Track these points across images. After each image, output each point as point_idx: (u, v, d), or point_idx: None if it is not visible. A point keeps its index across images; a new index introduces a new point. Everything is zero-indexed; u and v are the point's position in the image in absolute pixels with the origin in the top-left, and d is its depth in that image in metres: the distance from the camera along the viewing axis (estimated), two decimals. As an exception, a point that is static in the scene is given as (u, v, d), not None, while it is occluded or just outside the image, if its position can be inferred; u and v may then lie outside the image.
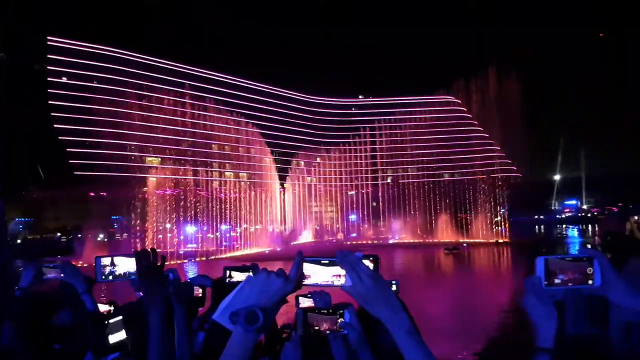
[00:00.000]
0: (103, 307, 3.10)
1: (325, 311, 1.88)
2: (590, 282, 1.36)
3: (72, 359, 2.54)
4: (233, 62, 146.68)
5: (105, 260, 2.16)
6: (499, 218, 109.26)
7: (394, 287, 2.69)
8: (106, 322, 2.60)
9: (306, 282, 1.33)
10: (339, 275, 1.31)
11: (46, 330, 2.45)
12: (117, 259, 2.16)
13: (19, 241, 55.51)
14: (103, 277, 2.14)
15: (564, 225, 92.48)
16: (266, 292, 1.24)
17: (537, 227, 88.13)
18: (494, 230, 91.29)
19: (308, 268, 1.33)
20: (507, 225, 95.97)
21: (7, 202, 45.43)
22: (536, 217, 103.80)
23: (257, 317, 1.20)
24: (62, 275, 2.79)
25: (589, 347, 1.68)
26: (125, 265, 2.15)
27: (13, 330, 1.84)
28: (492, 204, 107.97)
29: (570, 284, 1.37)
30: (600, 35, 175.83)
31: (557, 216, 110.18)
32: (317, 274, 1.32)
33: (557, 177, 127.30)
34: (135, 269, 2.05)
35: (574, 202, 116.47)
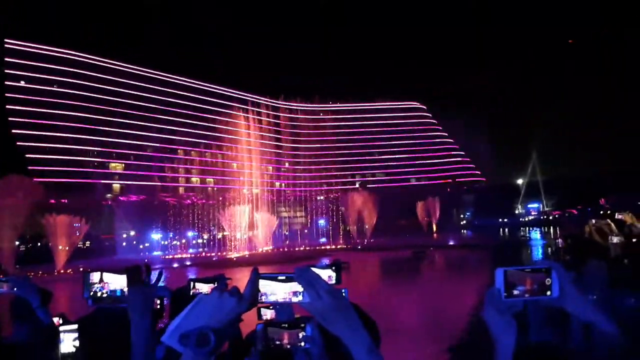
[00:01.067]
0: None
1: (287, 325, 1.82)
2: (548, 293, 1.35)
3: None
4: (199, 66, 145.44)
5: (95, 276, 2.02)
6: (464, 222, 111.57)
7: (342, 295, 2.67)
8: (60, 335, 2.51)
9: (262, 299, 1.28)
10: (297, 292, 1.27)
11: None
12: (106, 276, 2.03)
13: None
14: (91, 294, 2.00)
15: (527, 228, 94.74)
16: (218, 312, 1.18)
17: (500, 230, 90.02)
18: (462, 233, 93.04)
19: (264, 285, 1.28)
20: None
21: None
22: (500, 220, 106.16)
23: (208, 340, 1.13)
24: (14, 289, 2.68)
25: (551, 354, 1.69)
26: (116, 282, 2.01)
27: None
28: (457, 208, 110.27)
29: (529, 295, 1.35)
30: (570, 42, 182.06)
31: (521, 219, 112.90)
32: (274, 291, 1.27)
33: (520, 181, 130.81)
34: (125, 286, 1.97)
35: (536, 205, 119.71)
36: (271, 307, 2.40)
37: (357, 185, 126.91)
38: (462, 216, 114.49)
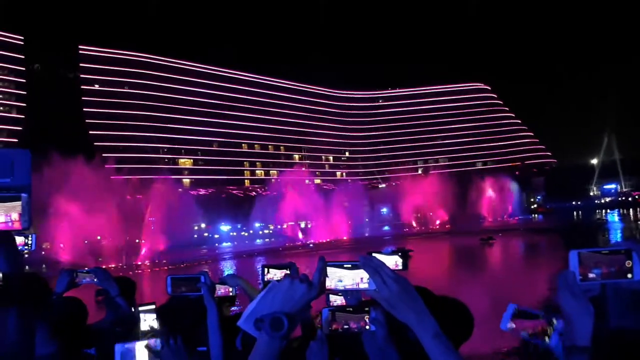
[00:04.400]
0: None
1: (352, 309, 1.87)
2: (629, 275, 1.28)
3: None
4: (259, 61, 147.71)
5: (176, 282, 2.46)
6: (534, 206, 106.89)
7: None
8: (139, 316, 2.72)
9: (330, 286, 1.31)
10: (363, 279, 1.29)
11: (81, 334, 2.52)
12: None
13: (62, 245, 57.56)
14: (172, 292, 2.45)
15: (603, 211, 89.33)
16: (290, 298, 1.24)
17: (574, 213, 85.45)
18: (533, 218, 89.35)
19: (332, 272, 1.31)
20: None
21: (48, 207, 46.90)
22: (574, 203, 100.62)
23: (282, 324, 1.20)
24: (95, 280, 2.88)
25: (632, 341, 1.59)
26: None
27: (46, 335, 1.89)
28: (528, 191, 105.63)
29: (606, 279, 1.29)
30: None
31: (596, 201, 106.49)
32: (342, 278, 1.30)
33: (594, 161, 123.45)
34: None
35: (613, 186, 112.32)
36: (339, 294, 2.46)
37: (419, 172, 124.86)
38: (532, 200, 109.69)
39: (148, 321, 2.55)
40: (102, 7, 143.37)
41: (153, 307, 2.67)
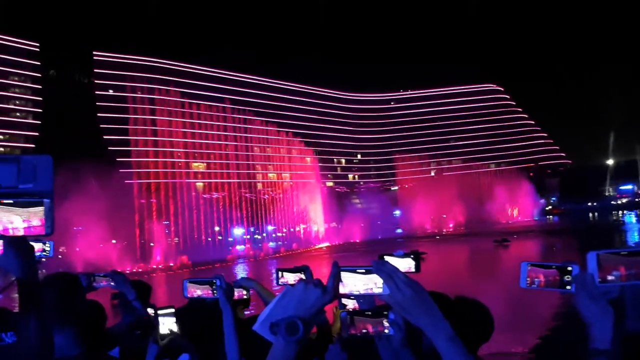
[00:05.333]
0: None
1: (370, 313, 1.88)
2: None
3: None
4: (270, 65, 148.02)
5: (192, 286, 2.46)
6: (549, 207, 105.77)
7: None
8: (158, 319, 2.73)
9: (343, 291, 1.32)
10: (377, 284, 1.29)
11: (102, 336, 2.57)
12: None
13: (77, 249, 58.31)
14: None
15: (620, 212, 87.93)
16: (305, 303, 1.24)
17: (590, 214, 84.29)
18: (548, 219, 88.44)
19: (345, 277, 1.31)
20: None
21: (65, 211, 47.47)
22: (589, 204, 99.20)
23: (297, 328, 1.21)
24: (112, 284, 2.92)
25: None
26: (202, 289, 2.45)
27: (73, 337, 1.93)
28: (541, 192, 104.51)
29: (626, 280, 1.26)
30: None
31: (612, 202, 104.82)
32: (355, 283, 1.31)
33: (610, 162, 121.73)
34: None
35: (630, 187, 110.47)
36: (352, 298, 2.47)
37: (432, 174, 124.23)
38: (546, 201, 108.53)
39: (167, 324, 2.58)
40: (115, 13, 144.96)
41: (172, 310, 2.71)
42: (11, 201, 1.23)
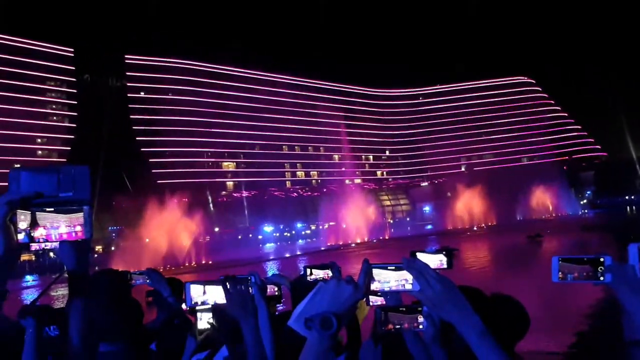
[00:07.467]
0: None
1: (405, 309, 1.90)
2: None
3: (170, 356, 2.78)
4: (297, 63, 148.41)
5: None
6: (584, 201, 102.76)
7: None
8: (197, 314, 2.78)
9: (374, 287, 1.36)
10: (407, 280, 1.33)
11: (142, 331, 2.66)
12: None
13: (112, 248, 59.74)
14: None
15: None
16: (337, 299, 1.29)
17: (627, 208, 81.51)
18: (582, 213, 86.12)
19: (376, 274, 1.35)
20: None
21: (100, 212, 48.89)
22: (626, 197, 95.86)
23: (331, 323, 1.25)
24: (148, 281, 3.02)
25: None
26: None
27: (117, 330, 2.01)
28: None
29: None
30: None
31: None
32: (386, 280, 1.35)
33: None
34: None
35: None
36: (379, 294, 2.48)
37: (463, 169, 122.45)
38: (581, 195, 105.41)
39: (204, 320, 2.65)
40: (146, 16, 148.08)
41: (209, 306, 2.78)
42: (52, 209, 1.34)
